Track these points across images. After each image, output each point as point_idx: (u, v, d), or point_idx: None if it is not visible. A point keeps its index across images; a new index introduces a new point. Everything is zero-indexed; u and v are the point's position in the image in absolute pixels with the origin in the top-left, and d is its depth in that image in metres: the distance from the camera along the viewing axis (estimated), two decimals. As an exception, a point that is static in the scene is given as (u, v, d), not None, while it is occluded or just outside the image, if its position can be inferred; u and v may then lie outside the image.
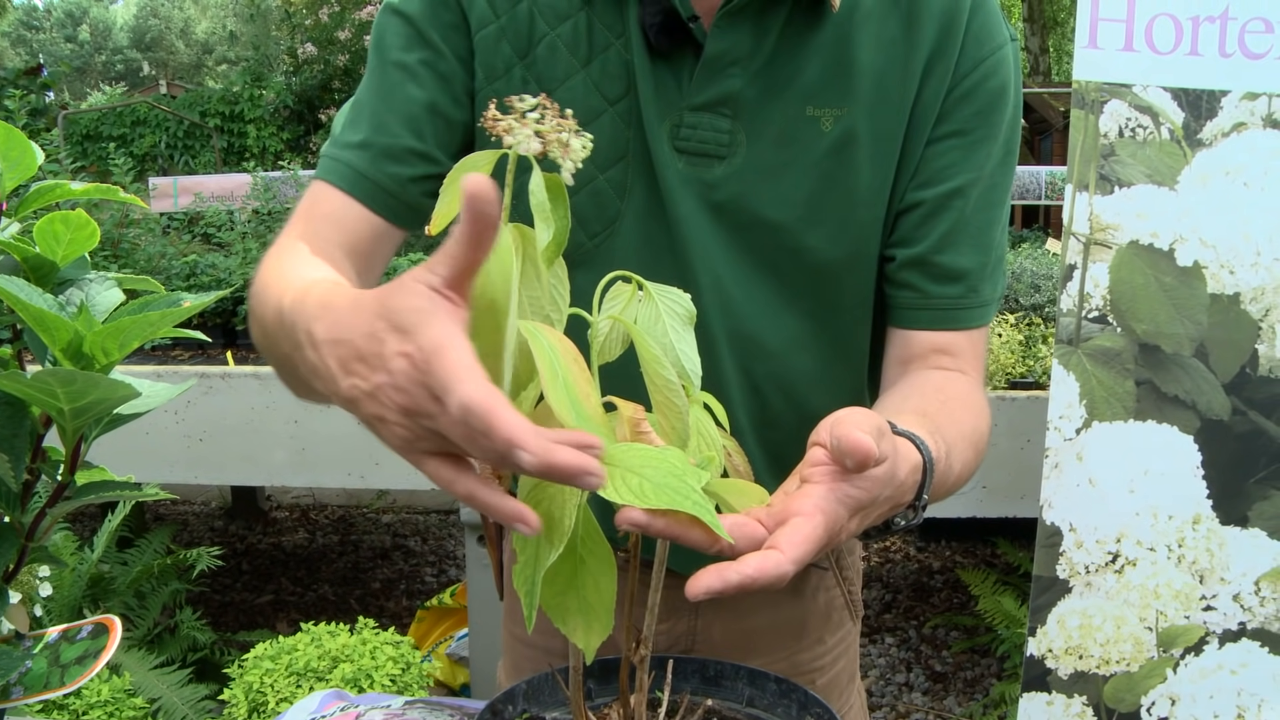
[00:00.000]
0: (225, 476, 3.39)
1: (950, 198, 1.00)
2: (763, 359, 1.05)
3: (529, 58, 0.99)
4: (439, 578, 4.93)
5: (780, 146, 0.98)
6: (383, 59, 1.02)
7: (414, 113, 1.00)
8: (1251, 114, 2.15)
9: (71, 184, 0.90)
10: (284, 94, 10.86)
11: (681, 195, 0.98)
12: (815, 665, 1.21)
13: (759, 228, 1.00)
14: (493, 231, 0.58)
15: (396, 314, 0.59)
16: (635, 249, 1.01)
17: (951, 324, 1.03)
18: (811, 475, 0.71)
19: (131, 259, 4.00)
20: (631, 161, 1.00)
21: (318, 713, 1.19)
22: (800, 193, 0.99)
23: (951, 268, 1.02)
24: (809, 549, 0.66)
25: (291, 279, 0.83)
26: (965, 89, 0.99)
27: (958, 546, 5.17)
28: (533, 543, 0.63)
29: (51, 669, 0.85)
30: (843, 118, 0.97)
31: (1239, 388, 2.20)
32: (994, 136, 1.01)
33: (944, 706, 3.75)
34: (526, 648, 1.23)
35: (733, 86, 0.97)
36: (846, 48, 0.97)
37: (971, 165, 1.00)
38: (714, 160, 0.98)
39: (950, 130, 1.00)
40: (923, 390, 1.00)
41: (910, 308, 1.04)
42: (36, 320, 0.75)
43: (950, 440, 0.87)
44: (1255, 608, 2.21)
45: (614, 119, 0.99)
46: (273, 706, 2.49)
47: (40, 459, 0.84)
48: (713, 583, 0.62)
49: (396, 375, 0.59)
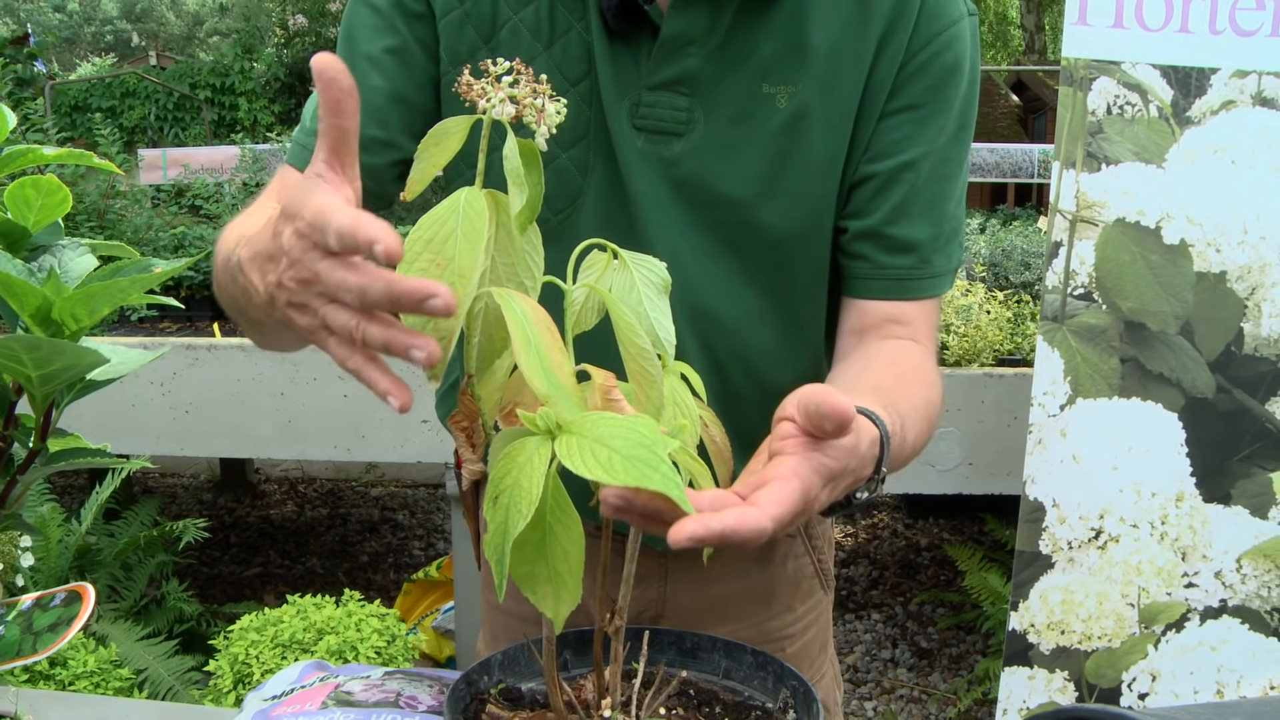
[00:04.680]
0: (212, 449, 3.39)
1: (902, 170, 1.02)
2: (722, 334, 1.07)
3: (493, 42, 1.01)
4: (426, 551, 4.94)
5: (736, 123, 1.00)
6: (351, 50, 1.04)
7: (378, 102, 1.03)
8: (1241, 92, 2.14)
9: (44, 149, 0.89)
10: (275, 66, 10.78)
11: (641, 172, 1.01)
12: (785, 633, 1.22)
13: (717, 204, 1.02)
14: (349, 97, 0.61)
15: (286, 206, 0.63)
16: (596, 225, 1.02)
17: (903, 294, 1.05)
18: (784, 447, 0.72)
19: (118, 230, 3.98)
20: (593, 140, 1.02)
21: (297, 683, 1.19)
22: (756, 168, 1.01)
23: (903, 239, 1.03)
24: (787, 509, 0.67)
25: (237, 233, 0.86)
26: (918, 64, 1.00)
27: (945, 523, 5.19)
28: (502, 511, 0.63)
29: (24, 636, 0.85)
30: (797, 94, 0.99)
31: (1224, 366, 2.20)
32: (947, 110, 1.03)
33: (929, 682, 3.77)
34: (503, 615, 1.25)
35: (689, 66, 0.99)
36: (800, 26, 0.99)
37: (924, 139, 1.02)
38: (672, 138, 1.00)
39: (903, 104, 1.01)
40: (876, 364, 1.01)
41: (863, 277, 1.06)
42: (4, 286, 0.74)
43: (904, 413, 0.88)
44: (1236, 585, 2.23)
45: (575, 99, 1.00)
46: (258, 678, 2.50)
47: (13, 426, 0.84)
48: (695, 529, 0.63)
49: (291, 251, 0.62)
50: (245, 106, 10.84)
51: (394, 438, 3.10)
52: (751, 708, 0.84)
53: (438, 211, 0.66)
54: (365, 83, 1.01)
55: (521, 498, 0.62)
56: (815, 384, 0.74)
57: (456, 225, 0.65)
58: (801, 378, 1.10)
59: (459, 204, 0.66)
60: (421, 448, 3.09)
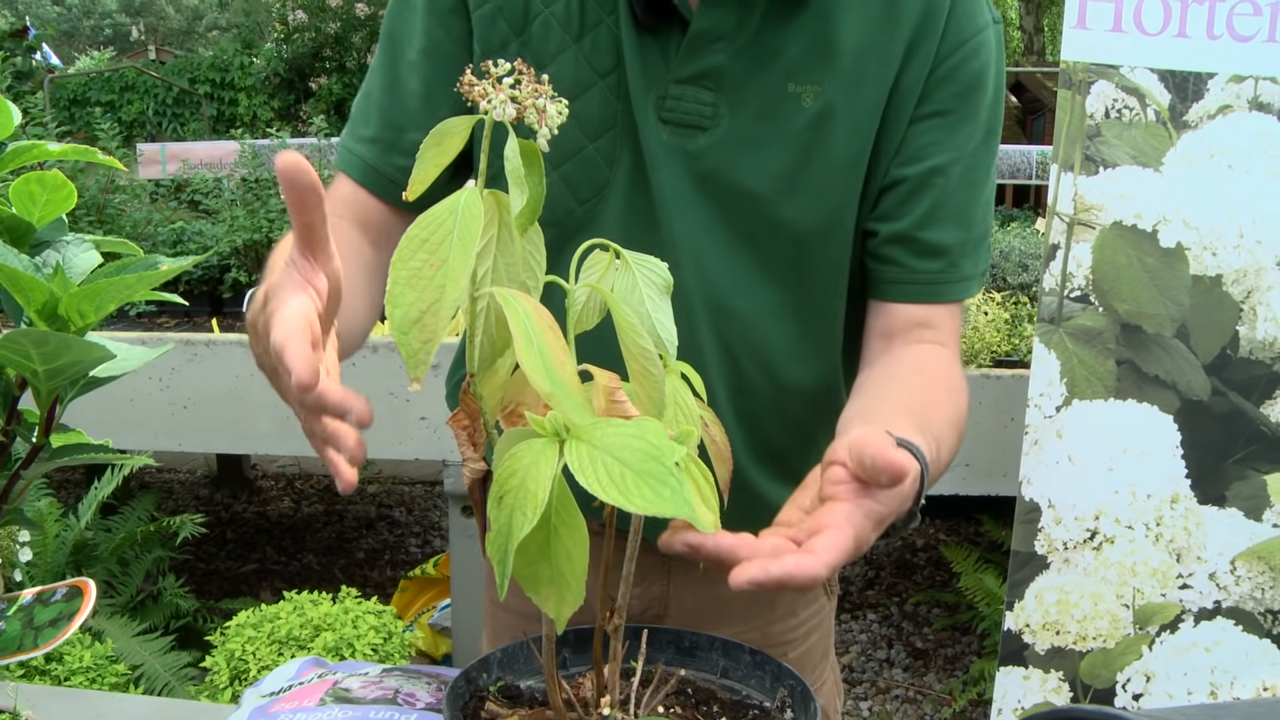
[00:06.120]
0: (210, 444, 3.39)
1: (932, 175, 1.03)
2: (739, 328, 1.07)
3: (524, 35, 1.03)
4: (423, 548, 4.94)
5: (761, 120, 1.01)
6: (393, 53, 1.07)
7: (415, 107, 1.06)
8: (1238, 96, 2.15)
9: (49, 145, 0.89)
10: (275, 62, 10.76)
11: (665, 164, 1.02)
12: (788, 638, 1.23)
13: (739, 198, 1.03)
14: (310, 194, 0.63)
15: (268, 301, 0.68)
16: (620, 217, 1.04)
17: (933, 298, 1.06)
18: (836, 493, 0.76)
19: (117, 225, 3.98)
20: (619, 132, 1.03)
21: (295, 679, 1.19)
22: (780, 164, 1.02)
23: (934, 243, 1.05)
24: (840, 557, 0.71)
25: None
26: (947, 70, 1.02)
27: (941, 524, 5.20)
28: (506, 513, 0.64)
29: (25, 631, 0.85)
30: (822, 94, 1.00)
31: (1219, 369, 2.21)
32: (975, 117, 1.04)
33: (924, 683, 3.78)
34: (505, 613, 1.25)
35: (716, 61, 1.00)
36: (828, 27, 1.00)
37: (953, 145, 1.03)
38: (697, 131, 1.01)
39: (932, 110, 1.03)
40: (904, 375, 1.02)
41: (894, 281, 1.07)
42: (11, 281, 0.74)
43: (939, 433, 0.90)
44: (1231, 586, 2.24)
45: (603, 91, 1.02)
46: (254, 674, 2.50)
47: (15, 421, 0.84)
48: (756, 574, 0.69)
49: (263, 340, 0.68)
50: (244, 102, 10.81)
51: (391, 435, 3.10)
52: (749, 707, 0.85)
53: (437, 211, 0.67)
54: (404, 88, 1.06)
55: (527, 501, 0.63)
56: (866, 431, 0.77)
57: (454, 227, 0.66)
58: (816, 376, 1.11)
59: (458, 205, 0.67)
60: (419, 445, 3.09)
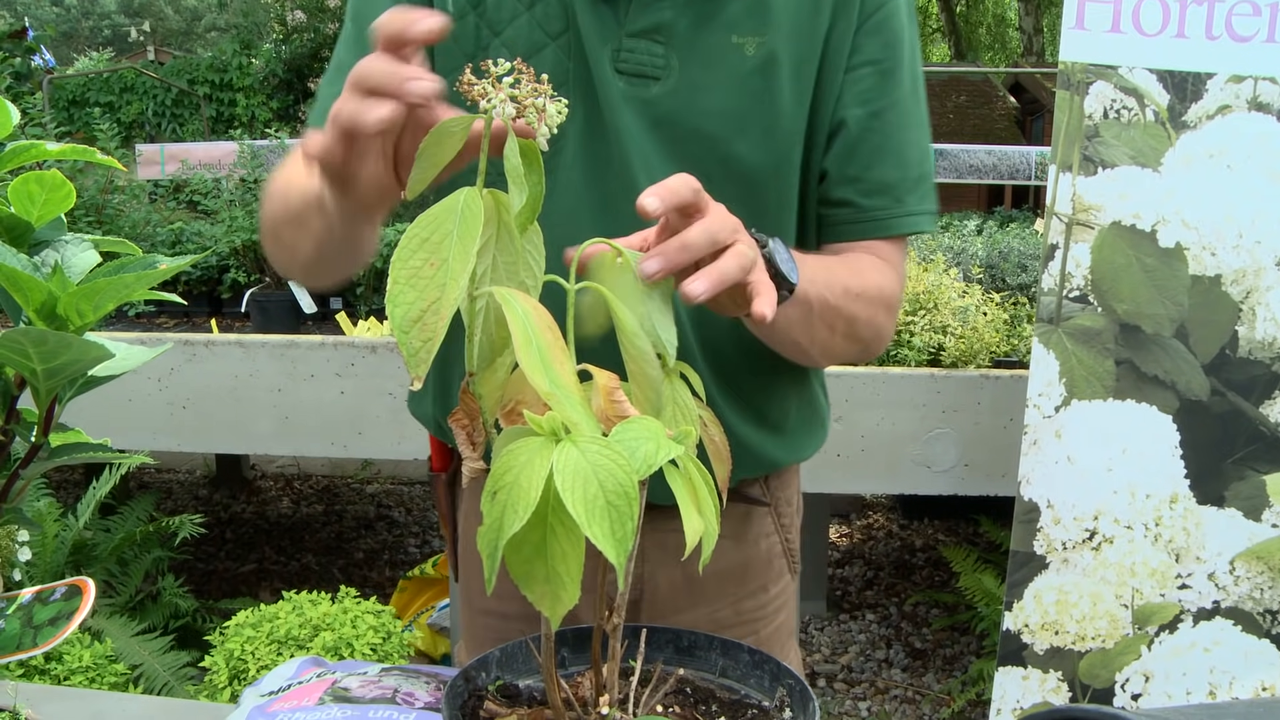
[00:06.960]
0: (209, 444, 3.39)
1: (872, 119, 1.16)
2: None
3: (480, 7, 1.11)
4: (422, 549, 4.94)
5: (709, 69, 1.11)
6: (360, 27, 1.14)
7: None
8: (1237, 96, 2.15)
9: (47, 145, 0.89)
10: (273, 62, 10.75)
11: (623, 111, 1.11)
12: (760, 614, 1.28)
13: (693, 138, 1.12)
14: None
15: None
16: (580, 161, 1.13)
17: (883, 232, 1.19)
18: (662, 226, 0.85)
19: (116, 225, 3.97)
20: (571, 87, 1.12)
21: (294, 679, 1.19)
22: (729, 106, 1.12)
23: (877, 180, 1.17)
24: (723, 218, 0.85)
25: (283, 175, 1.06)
26: (873, 24, 1.15)
27: (940, 524, 5.20)
28: (498, 508, 0.64)
29: (25, 630, 0.85)
30: (764, 44, 1.11)
31: (1218, 369, 2.21)
32: (901, 66, 1.17)
33: (923, 683, 3.78)
34: (483, 617, 1.29)
35: (664, 17, 1.10)
36: None
37: (886, 91, 1.16)
38: (651, 81, 1.11)
39: (864, 60, 1.15)
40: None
41: (846, 222, 1.19)
42: (9, 280, 0.74)
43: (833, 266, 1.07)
44: (1229, 586, 2.24)
45: (555, 51, 1.12)
46: (253, 674, 2.50)
47: (14, 420, 0.84)
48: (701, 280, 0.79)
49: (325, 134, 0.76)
50: (243, 102, 10.80)
51: (390, 435, 3.10)
52: (748, 706, 0.85)
53: (436, 211, 0.67)
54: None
55: (519, 498, 0.63)
56: None
57: (453, 227, 0.66)
58: None
59: (458, 205, 0.67)
60: (418, 445, 3.09)
